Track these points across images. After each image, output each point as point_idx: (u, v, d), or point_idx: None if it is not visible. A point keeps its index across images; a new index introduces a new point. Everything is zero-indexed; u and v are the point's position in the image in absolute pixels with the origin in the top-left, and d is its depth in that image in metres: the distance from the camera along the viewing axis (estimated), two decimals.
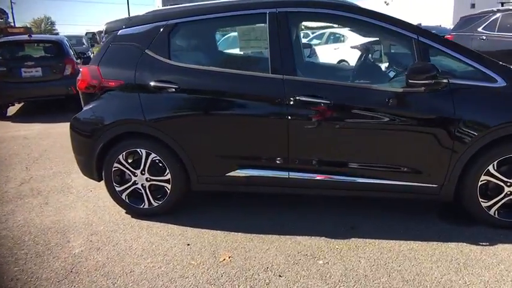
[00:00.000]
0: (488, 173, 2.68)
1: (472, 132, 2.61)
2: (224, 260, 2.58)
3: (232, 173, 2.99)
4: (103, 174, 3.18)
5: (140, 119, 2.98)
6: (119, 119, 3.04)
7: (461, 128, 2.62)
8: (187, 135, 2.96)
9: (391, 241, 2.70)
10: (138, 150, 3.06)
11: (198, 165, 3.01)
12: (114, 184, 3.18)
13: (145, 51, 3.00)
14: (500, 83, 2.62)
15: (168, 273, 2.46)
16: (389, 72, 3.23)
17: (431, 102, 2.65)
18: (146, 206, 3.17)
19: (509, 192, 2.70)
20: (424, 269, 2.39)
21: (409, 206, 3.13)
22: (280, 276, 2.39)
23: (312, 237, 2.80)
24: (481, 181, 2.70)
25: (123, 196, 3.19)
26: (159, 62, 2.98)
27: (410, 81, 2.54)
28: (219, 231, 2.93)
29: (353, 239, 2.75)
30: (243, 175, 2.98)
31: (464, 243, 2.63)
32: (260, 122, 2.87)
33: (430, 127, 2.68)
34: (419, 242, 2.67)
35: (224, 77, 2.92)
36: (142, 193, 3.15)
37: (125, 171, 3.14)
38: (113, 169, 3.13)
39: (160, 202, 3.14)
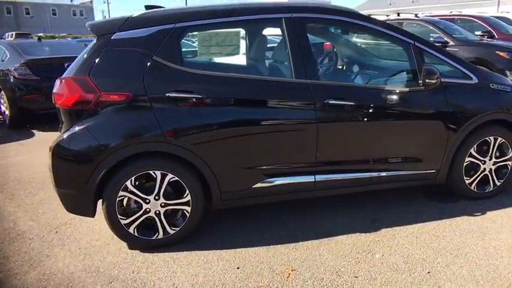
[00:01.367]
0: (471, 155, 3.23)
1: (460, 122, 3.11)
2: (289, 275, 2.45)
3: (258, 185, 2.84)
4: (103, 206, 2.63)
5: (158, 136, 2.58)
6: (131, 138, 2.56)
7: (452, 119, 3.08)
8: (212, 149, 2.69)
9: (412, 225, 2.99)
10: (152, 172, 2.63)
11: (222, 181, 2.76)
12: (120, 217, 2.66)
13: (153, 57, 2.60)
14: (474, 80, 3.18)
15: None
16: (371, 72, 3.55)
17: (431, 98, 3.04)
18: (161, 236, 2.75)
19: (483, 169, 3.30)
20: (448, 240, 2.74)
21: (400, 195, 3.49)
22: (356, 277, 2.42)
23: (349, 235, 2.88)
24: (466, 162, 3.24)
25: (131, 229, 2.70)
26: (173, 69, 2.63)
27: (426, 81, 2.87)
28: (255, 248, 2.75)
29: (383, 229, 2.95)
30: (270, 185, 2.87)
31: (465, 216, 3.10)
32: (288, 127, 2.81)
33: (432, 120, 3.08)
34: (433, 222, 3.03)
35: (249, 84, 2.76)
36: (155, 222, 2.72)
37: (133, 200, 2.66)
38: (118, 199, 2.62)
39: (178, 228, 2.77)
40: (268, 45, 3.53)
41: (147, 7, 3.12)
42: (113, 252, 2.75)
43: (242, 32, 3.22)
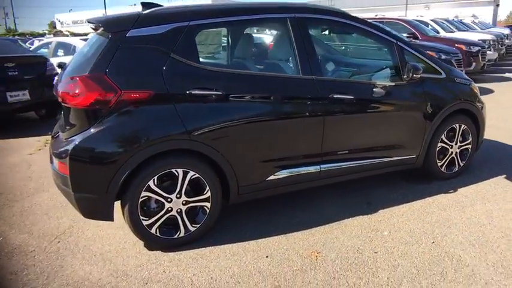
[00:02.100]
0: (442, 141, 3.70)
1: (435, 112, 3.54)
2: (317, 257, 2.63)
3: (272, 177, 2.98)
4: (125, 209, 2.57)
5: (181, 134, 2.58)
6: (156, 136, 2.53)
7: (429, 109, 3.51)
8: (231, 145, 2.77)
9: (403, 205, 3.35)
10: (174, 170, 2.63)
11: (240, 175, 2.84)
12: (142, 218, 2.61)
13: (171, 55, 2.60)
14: (443, 75, 3.65)
15: (291, 287, 2.35)
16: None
17: (412, 91, 3.43)
18: (182, 234, 2.75)
19: (451, 153, 3.80)
20: (437, 215, 3.14)
21: (384, 180, 3.85)
22: (375, 252, 2.67)
23: (353, 218, 3.14)
24: (438, 147, 3.70)
25: (153, 230, 2.66)
26: (191, 67, 2.65)
27: (414, 76, 3.23)
28: (274, 237, 2.88)
29: (380, 211, 3.26)
30: (282, 176, 3.02)
31: (442, 194, 3.55)
32: (299, 121, 2.98)
33: (413, 110, 3.47)
34: (419, 201, 3.42)
35: (265, 80, 2.88)
36: (177, 220, 2.72)
37: (154, 199, 2.64)
38: (140, 200, 2.58)
39: (198, 225, 2.79)
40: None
41: (145, 4, 3.08)
42: (133, 256, 2.69)
43: (252, 30, 3.33)
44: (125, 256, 2.68)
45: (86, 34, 11.77)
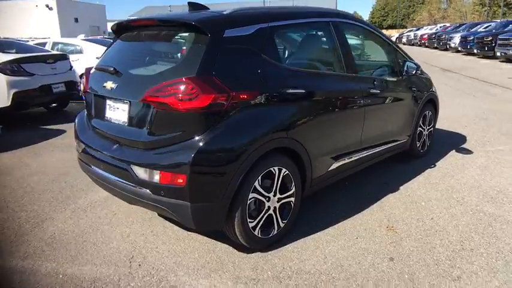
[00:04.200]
0: (420, 125, 4.49)
1: (419, 99, 4.30)
2: (395, 230, 3.02)
3: (331, 168, 3.24)
4: (236, 213, 2.52)
5: (282, 132, 2.65)
6: (264, 136, 2.53)
7: (416, 98, 4.24)
8: (313, 141, 2.93)
9: (411, 181, 3.98)
10: (272, 169, 2.67)
11: (314, 168, 3.03)
12: (249, 220, 2.59)
13: (262, 55, 2.64)
14: (418, 70, 4.40)
15: (403, 257, 2.68)
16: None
17: (407, 84, 4.10)
18: (275, 232, 2.81)
19: (424, 134, 4.63)
20: (440, 185, 3.88)
21: (379, 165, 4.43)
22: (431, 219, 3.20)
23: (388, 195, 3.63)
24: (418, 131, 4.48)
25: (256, 231, 2.67)
26: (278, 67, 2.75)
27: (414, 72, 3.89)
28: (345, 222, 3.16)
29: (401, 188, 3.83)
30: (337, 166, 3.30)
31: (428, 169, 4.31)
32: (351, 114, 3.32)
33: (409, 99, 4.14)
34: (417, 178, 4.09)
35: (330, 78, 3.13)
36: (272, 218, 2.77)
37: (254, 200, 2.64)
38: (248, 202, 2.56)
39: (286, 220, 2.88)
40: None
41: (191, 4, 3.00)
42: (248, 256, 2.63)
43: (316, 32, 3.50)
44: (243, 261, 2.61)
45: None
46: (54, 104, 8.03)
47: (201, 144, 2.32)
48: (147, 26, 2.93)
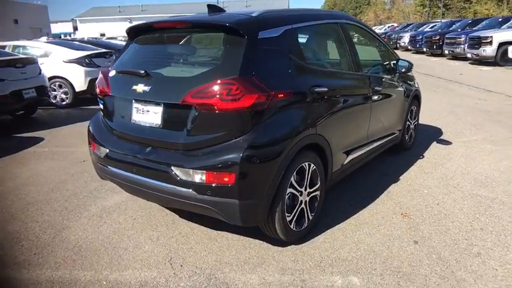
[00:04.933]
0: (408, 119, 4.82)
1: (408, 94, 4.62)
2: (409, 216, 3.26)
3: (345, 162, 3.43)
4: (277, 208, 2.63)
5: (313, 129, 2.79)
6: (301, 133, 2.66)
7: (406, 93, 4.56)
8: (334, 137, 3.10)
9: (408, 171, 4.29)
10: (303, 164, 2.81)
11: (334, 163, 3.19)
12: (287, 215, 2.71)
13: (290, 56, 2.77)
14: (408, 68, 4.74)
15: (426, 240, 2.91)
16: None
17: (399, 81, 4.40)
18: (306, 225, 2.94)
19: (411, 128, 4.97)
20: (435, 172, 4.21)
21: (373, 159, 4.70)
22: (437, 204, 3.48)
23: (394, 184, 3.90)
24: (407, 124, 4.80)
25: (292, 225, 2.79)
26: (304, 66, 2.91)
27: (407, 71, 4.19)
28: (361, 212, 3.36)
29: (401, 177, 4.11)
30: (349, 160, 3.49)
31: (419, 160, 4.65)
32: (361, 110, 3.54)
33: (402, 95, 4.44)
34: (412, 168, 4.42)
35: (346, 77, 3.34)
36: (303, 212, 2.90)
37: (293, 194, 2.76)
38: (286, 197, 2.68)
39: (314, 213, 3.02)
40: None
41: (211, 6, 3.06)
42: (278, 250, 2.73)
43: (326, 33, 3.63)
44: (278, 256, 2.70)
45: None
46: (21, 111, 7.66)
47: (247, 143, 2.39)
48: (171, 28, 2.94)
